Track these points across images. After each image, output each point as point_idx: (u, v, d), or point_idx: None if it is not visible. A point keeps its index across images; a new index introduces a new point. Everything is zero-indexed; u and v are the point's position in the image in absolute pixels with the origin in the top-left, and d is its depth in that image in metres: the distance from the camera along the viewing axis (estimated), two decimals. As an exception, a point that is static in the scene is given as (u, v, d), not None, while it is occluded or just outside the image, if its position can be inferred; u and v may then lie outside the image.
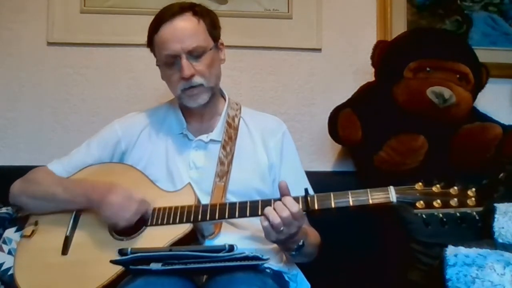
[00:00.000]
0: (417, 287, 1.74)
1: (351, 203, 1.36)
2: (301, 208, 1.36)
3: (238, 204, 1.43)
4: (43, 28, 2.17)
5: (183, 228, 1.41)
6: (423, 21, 2.27)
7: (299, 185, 1.45)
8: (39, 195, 1.57)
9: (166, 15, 1.57)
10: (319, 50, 2.25)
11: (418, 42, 2.06)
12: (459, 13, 2.29)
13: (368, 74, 2.17)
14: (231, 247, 1.26)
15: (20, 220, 1.61)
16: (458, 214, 1.29)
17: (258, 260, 1.27)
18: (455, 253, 1.50)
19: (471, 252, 1.50)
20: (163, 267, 1.24)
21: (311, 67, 2.25)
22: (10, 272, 1.50)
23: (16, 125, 2.16)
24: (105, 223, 1.48)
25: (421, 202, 1.30)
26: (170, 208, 1.45)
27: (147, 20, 1.62)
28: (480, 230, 1.62)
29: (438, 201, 1.30)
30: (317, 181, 1.66)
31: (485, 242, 1.60)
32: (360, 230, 1.89)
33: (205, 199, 1.51)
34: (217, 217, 1.42)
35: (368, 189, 1.37)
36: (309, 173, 1.73)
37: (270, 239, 1.38)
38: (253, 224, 1.50)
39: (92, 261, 1.43)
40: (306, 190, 1.40)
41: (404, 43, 2.08)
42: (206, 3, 1.73)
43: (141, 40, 1.66)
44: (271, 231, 1.35)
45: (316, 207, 1.37)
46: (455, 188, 1.31)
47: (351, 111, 2.00)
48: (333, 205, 1.37)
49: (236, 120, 1.67)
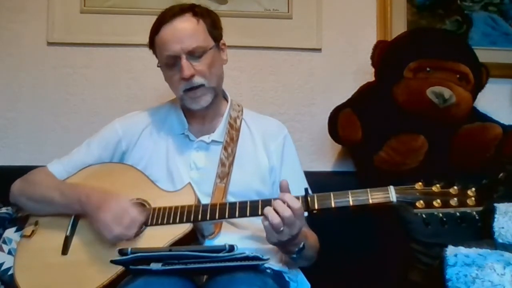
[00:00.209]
0: (417, 287, 1.75)
1: (351, 203, 1.36)
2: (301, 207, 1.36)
3: (238, 204, 1.42)
4: (43, 28, 2.16)
5: (183, 228, 1.40)
6: (423, 21, 2.27)
7: (299, 188, 1.45)
8: (38, 198, 1.57)
9: (166, 16, 1.57)
10: (319, 50, 2.25)
11: (418, 42, 2.06)
12: (459, 13, 2.29)
13: (368, 74, 2.17)
14: (231, 247, 1.26)
15: (20, 220, 1.62)
16: (458, 214, 1.29)
17: (259, 260, 1.27)
18: (455, 253, 1.50)
19: (471, 252, 1.50)
20: (163, 267, 1.24)
21: (311, 67, 2.25)
22: (10, 272, 1.50)
23: (16, 125, 2.16)
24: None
25: (421, 201, 1.30)
26: (170, 208, 1.44)
27: (147, 20, 1.62)
28: (480, 230, 1.62)
29: (438, 200, 1.30)
30: (317, 181, 1.65)
31: (485, 242, 1.61)
32: (360, 230, 1.88)
33: (205, 200, 1.51)
34: (217, 217, 1.42)
35: (368, 189, 1.37)
36: (309, 173, 1.72)
37: (272, 240, 1.37)
38: (253, 224, 1.50)
39: (92, 261, 1.43)
40: (306, 189, 1.40)
41: (404, 43, 2.07)
42: (206, 3, 1.74)
43: (141, 40, 1.66)
44: (272, 232, 1.34)
45: (316, 206, 1.37)
46: (455, 188, 1.31)
47: (351, 111, 2.00)
48: (333, 205, 1.37)
49: (238, 122, 1.67)
